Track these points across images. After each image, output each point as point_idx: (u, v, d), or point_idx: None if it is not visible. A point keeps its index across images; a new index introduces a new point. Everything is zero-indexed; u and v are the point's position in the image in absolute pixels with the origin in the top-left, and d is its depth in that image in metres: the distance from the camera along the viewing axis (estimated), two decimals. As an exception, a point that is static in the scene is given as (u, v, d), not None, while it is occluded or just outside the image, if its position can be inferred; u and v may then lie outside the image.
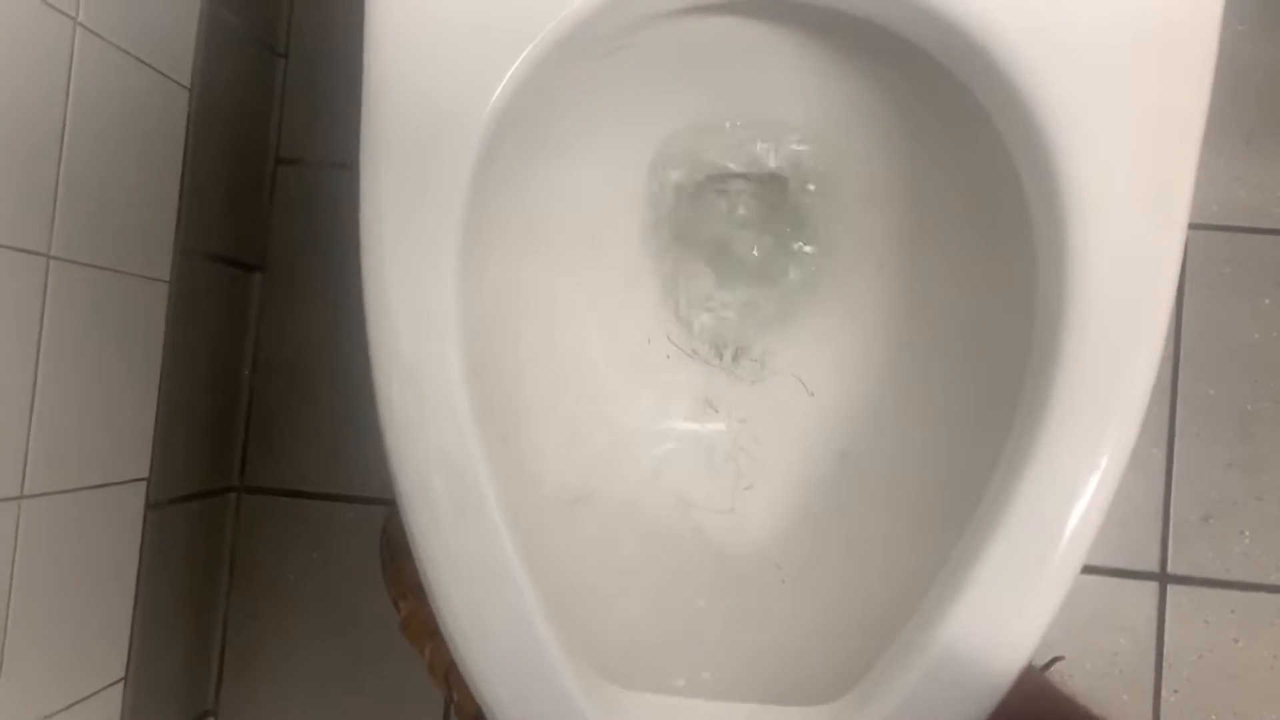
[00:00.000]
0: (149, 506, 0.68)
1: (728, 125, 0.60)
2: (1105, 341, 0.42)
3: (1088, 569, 0.76)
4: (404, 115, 0.44)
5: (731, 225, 0.63)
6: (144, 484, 0.67)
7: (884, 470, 0.57)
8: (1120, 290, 0.42)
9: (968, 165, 0.53)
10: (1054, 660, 0.68)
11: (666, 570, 0.57)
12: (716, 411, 0.60)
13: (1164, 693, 0.76)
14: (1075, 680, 0.75)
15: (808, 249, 0.61)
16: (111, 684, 0.66)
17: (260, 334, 0.81)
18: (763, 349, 0.61)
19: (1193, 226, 0.78)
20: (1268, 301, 0.77)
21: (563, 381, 0.59)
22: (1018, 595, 0.41)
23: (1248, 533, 0.76)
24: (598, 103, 0.57)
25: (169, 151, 0.67)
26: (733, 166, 0.62)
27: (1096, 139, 0.42)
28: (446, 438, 0.43)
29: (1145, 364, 0.42)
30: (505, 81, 0.44)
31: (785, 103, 0.59)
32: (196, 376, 0.73)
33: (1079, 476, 0.41)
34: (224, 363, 0.78)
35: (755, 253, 0.62)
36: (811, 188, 0.61)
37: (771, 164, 0.61)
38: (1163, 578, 0.76)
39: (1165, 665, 0.76)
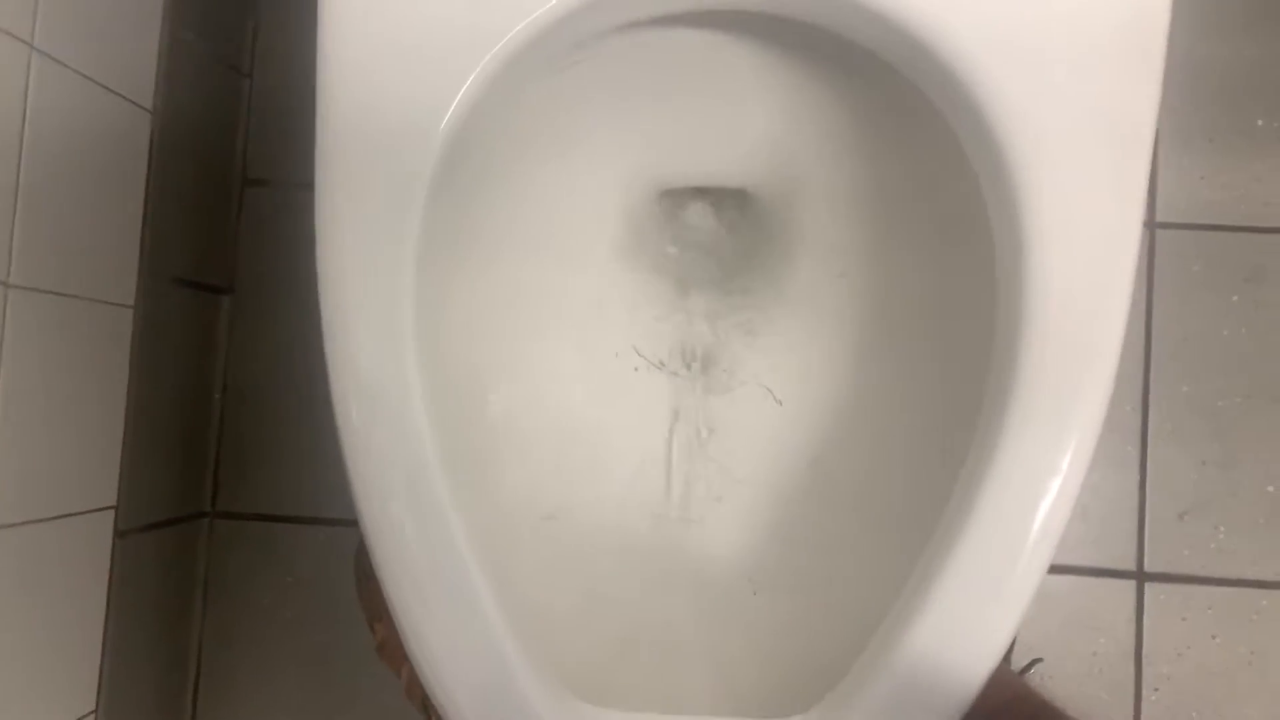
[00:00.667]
0: (118, 534, 0.67)
1: (691, 137, 0.60)
2: (1063, 343, 0.42)
3: (1065, 569, 0.76)
4: (358, 132, 0.44)
5: (696, 237, 0.63)
6: (112, 512, 0.67)
7: (853, 477, 0.57)
8: (1077, 291, 0.42)
9: (929, 170, 0.53)
10: (1033, 663, 0.68)
11: (638, 584, 0.57)
12: (685, 423, 0.60)
13: (1144, 691, 0.76)
14: (1055, 682, 0.75)
15: (772, 258, 0.61)
16: (82, 717, 0.65)
17: (230, 357, 0.80)
18: (730, 359, 0.61)
19: (1160, 226, 0.78)
20: (1236, 298, 0.78)
21: (530, 396, 0.59)
22: (984, 599, 0.41)
23: (1223, 529, 0.76)
24: (559, 117, 0.57)
25: (132, 175, 0.67)
26: (696, 178, 0.62)
27: (1049, 139, 0.43)
28: (407, 457, 0.42)
29: (1104, 365, 0.42)
30: (460, 96, 0.44)
31: (747, 112, 0.59)
32: (165, 402, 0.72)
33: (1041, 480, 0.41)
34: (193, 387, 0.78)
35: (720, 264, 0.62)
36: (774, 197, 0.61)
37: (735, 174, 0.61)
38: (1140, 576, 0.76)
39: (1145, 664, 0.76)
